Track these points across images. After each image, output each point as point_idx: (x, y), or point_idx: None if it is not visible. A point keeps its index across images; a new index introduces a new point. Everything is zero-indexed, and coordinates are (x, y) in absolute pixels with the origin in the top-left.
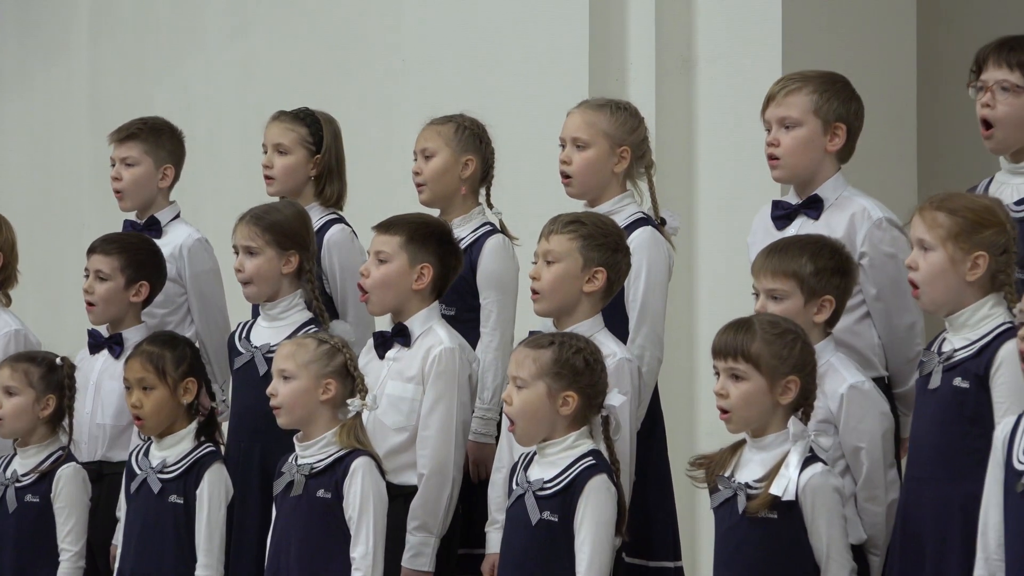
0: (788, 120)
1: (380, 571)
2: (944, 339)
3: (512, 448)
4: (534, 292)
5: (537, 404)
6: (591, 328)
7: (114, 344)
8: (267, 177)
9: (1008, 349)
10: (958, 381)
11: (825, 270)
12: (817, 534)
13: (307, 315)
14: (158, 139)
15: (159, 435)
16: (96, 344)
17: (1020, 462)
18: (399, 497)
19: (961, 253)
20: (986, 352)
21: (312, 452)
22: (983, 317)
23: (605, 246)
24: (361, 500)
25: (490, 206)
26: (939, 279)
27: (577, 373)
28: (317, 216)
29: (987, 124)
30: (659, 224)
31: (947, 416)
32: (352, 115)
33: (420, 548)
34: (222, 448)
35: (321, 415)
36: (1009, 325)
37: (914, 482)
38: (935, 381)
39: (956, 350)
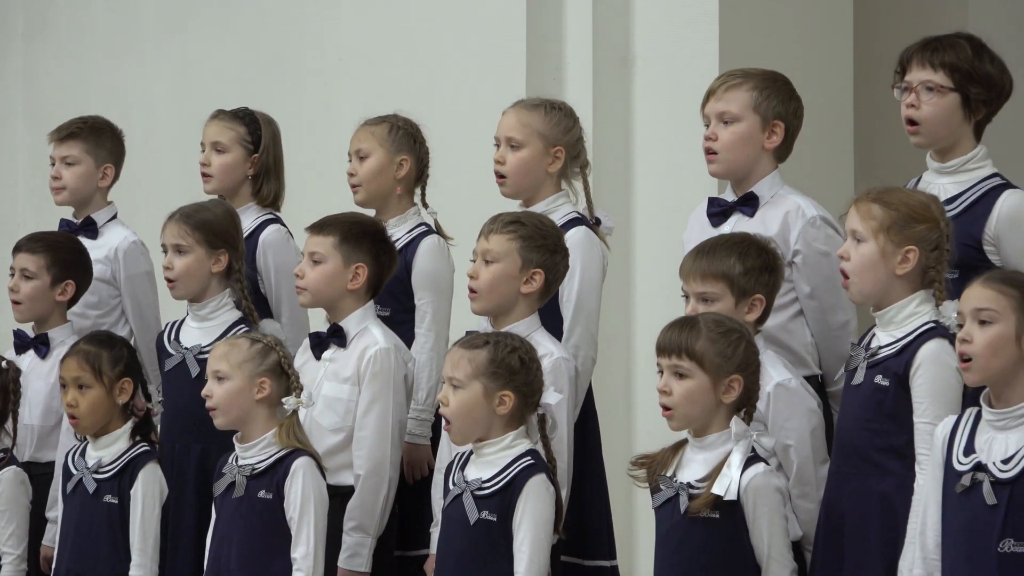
0: (727, 115)
1: (321, 571)
2: (873, 335)
3: (452, 448)
4: (471, 291)
5: (473, 404)
6: (528, 328)
7: (40, 344)
8: (204, 175)
9: (928, 350)
10: (879, 379)
11: (754, 269)
12: (758, 534)
13: (236, 314)
14: (98, 138)
15: (94, 435)
16: (22, 344)
17: (960, 462)
18: (335, 497)
19: (892, 246)
20: (907, 352)
21: (253, 453)
22: (909, 315)
23: (544, 247)
24: (302, 500)
25: (425, 206)
26: (869, 271)
27: (513, 372)
28: (253, 216)
29: (911, 122)
30: (594, 224)
31: (867, 412)
32: (290, 114)
33: (357, 548)
34: (158, 448)
35: (258, 415)
36: (933, 325)
37: (837, 476)
38: (859, 377)
39: (881, 347)
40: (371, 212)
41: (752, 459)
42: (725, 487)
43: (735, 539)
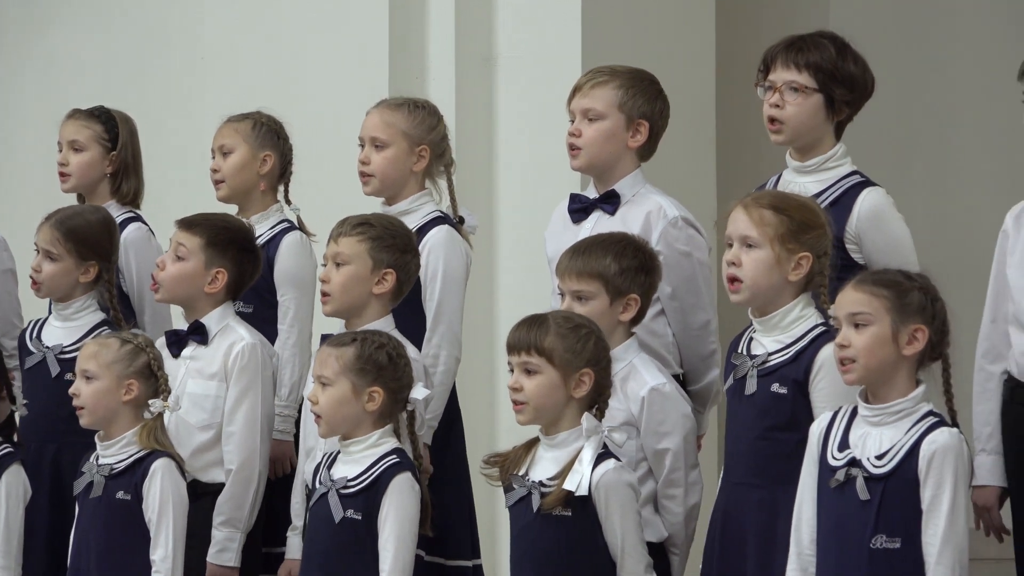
0: (592, 112)
1: (180, 573)
2: (752, 339)
3: (310, 456)
4: (324, 294)
5: (343, 401)
6: (382, 328)
7: None
8: (62, 174)
9: (827, 354)
10: (776, 387)
11: (630, 269)
12: (612, 529)
13: (101, 315)
14: None
15: None
16: None
17: (834, 458)
18: (207, 495)
19: (786, 253)
20: (803, 357)
21: (112, 452)
22: (795, 319)
23: (394, 247)
24: (160, 502)
25: (288, 202)
26: (763, 277)
27: (381, 369)
28: (114, 214)
29: (773, 120)
30: (457, 223)
31: (764, 422)
32: (152, 113)
33: (225, 544)
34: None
35: (123, 416)
36: (824, 328)
37: (734, 487)
38: (751, 386)
39: (771, 354)
40: (233, 208)
41: (603, 455)
42: (576, 483)
43: (588, 536)
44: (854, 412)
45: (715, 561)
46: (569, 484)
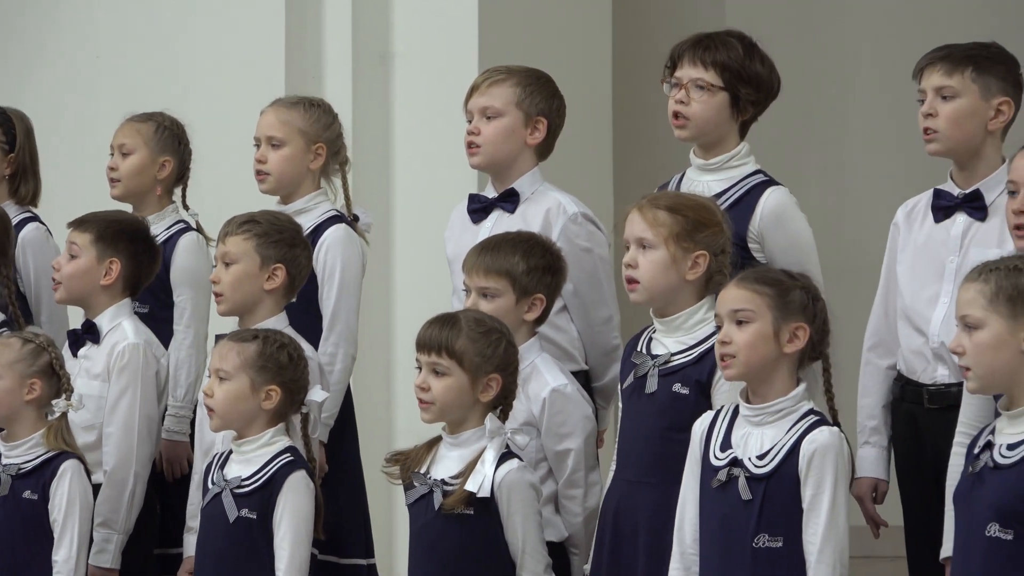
0: (490, 110)
1: (82, 575)
2: (652, 339)
3: (207, 456)
4: (216, 294)
5: (240, 396)
6: (275, 326)
7: None
8: None
9: None
10: (677, 387)
11: (537, 268)
12: (513, 529)
13: (0, 316)
14: None
15: None
16: None
17: (717, 458)
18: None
19: (682, 252)
20: (708, 359)
21: (19, 453)
22: (699, 321)
23: (282, 242)
24: (67, 503)
25: (186, 207)
26: (660, 277)
27: (281, 368)
28: (11, 215)
29: (677, 116)
30: (352, 221)
31: (663, 421)
32: (46, 111)
33: (103, 545)
34: None
35: (26, 415)
36: None
37: (626, 484)
38: (651, 385)
39: (673, 355)
40: (128, 207)
41: (506, 455)
42: (479, 484)
43: (489, 535)
44: (736, 412)
45: (604, 557)
46: (471, 485)
